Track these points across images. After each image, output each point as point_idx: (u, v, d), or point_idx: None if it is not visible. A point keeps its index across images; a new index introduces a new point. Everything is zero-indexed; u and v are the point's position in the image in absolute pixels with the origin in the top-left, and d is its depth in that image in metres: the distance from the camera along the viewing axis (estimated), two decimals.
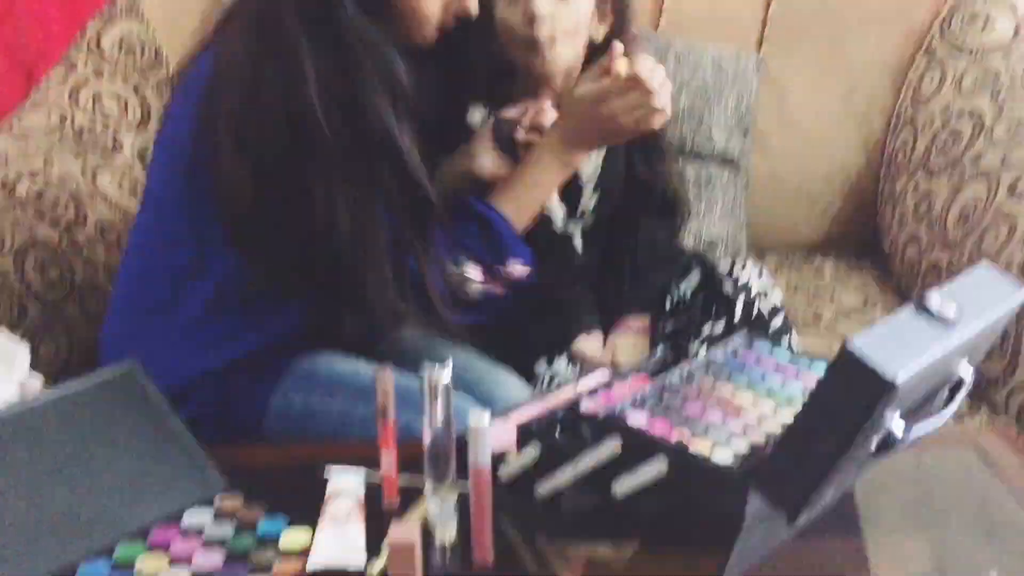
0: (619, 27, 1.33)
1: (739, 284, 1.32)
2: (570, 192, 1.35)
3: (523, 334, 1.31)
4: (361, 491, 0.97)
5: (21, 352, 1.01)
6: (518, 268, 1.20)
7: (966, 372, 0.82)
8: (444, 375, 0.86)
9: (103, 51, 1.79)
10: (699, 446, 0.84)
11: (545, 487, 0.93)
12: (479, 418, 0.84)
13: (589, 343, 1.32)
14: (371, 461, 0.98)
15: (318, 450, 1.08)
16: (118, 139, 1.67)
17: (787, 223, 1.78)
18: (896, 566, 0.91)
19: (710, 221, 1.66)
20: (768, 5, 1.77)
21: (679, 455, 0.83)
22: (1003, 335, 1.27)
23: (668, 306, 1.38)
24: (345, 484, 0.97)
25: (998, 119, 1.54)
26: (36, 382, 1.02)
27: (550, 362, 1.30)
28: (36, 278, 1.35)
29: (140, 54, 1.80)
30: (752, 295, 1.30)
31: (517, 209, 1.22)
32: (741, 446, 0.84)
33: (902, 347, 0.71)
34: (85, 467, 0.95)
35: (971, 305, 0.78)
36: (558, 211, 1.37)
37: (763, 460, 0.79)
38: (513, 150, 1.28)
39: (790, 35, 1.77)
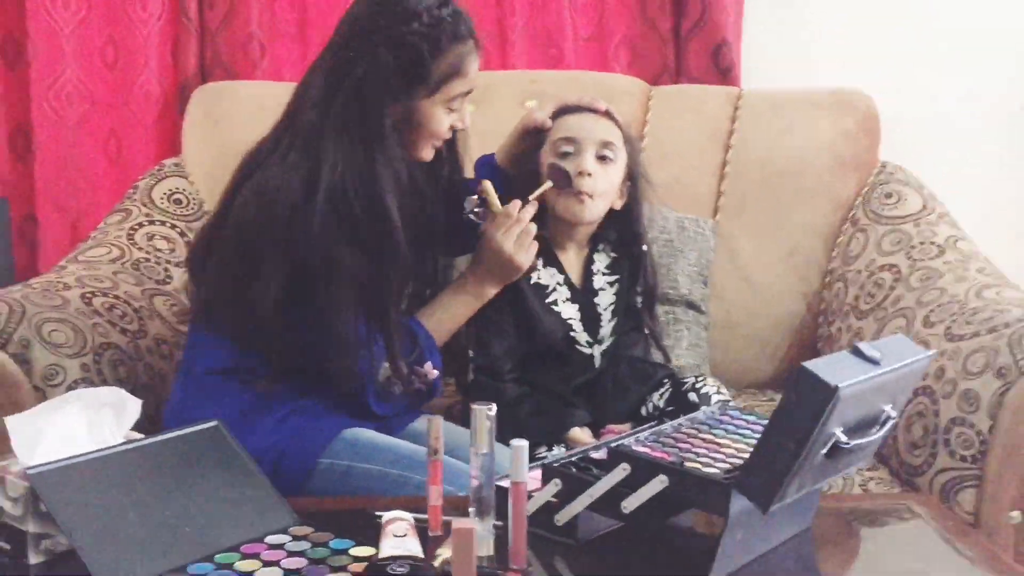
0: (633, 201, 1.70)
1: (702, 393, 1.59)
2: (591, 321, 1.67)
3: (527, 425, 1.54)
4: (412, 521, 1.17)
5: (132, 405, 1.22)
6: (432, 371, 1.50)
7: (891, 412, 1.08)
8: (489, 409, 1.09)
9: (154, 201, 2.06)
10: (692, 465, 1.07)
11: (564, 514, 1.14)
12: (519, 441, 1.07)
13: (583, 434, 1.56)
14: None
15: (367, 501, 1.28)
16: (168, 272, 1.92)
17: (742, 362, 2.05)
18: None
19: (678, 352, 1.92)
20: (720, 181, 2.11)
21: (676, 472, 1.06)
22: (924, 434, 1.53)
23: (644, 413, 1.64)
24: (398, 517, 1.17)
25: (913, 270, 1.86)
26: (138, 436, 1.23)
27: (549, 448, 1.53)
28: (110, 373, 1.57)
29: (186, 205, 2.08)
30: (713, 403, 1.56)
31: (436, 328, 1.54)
32: (725, 466, 1.07)
33: (842, 371, 0.97)
34: (184, 497, 1.14)
35: (890, 354, 1.04)
36: (582, 336, 1.66)
37: (741, 469, 1.02)
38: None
39: (739, 205, 2.10)
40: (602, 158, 1.63)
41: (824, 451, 0.99)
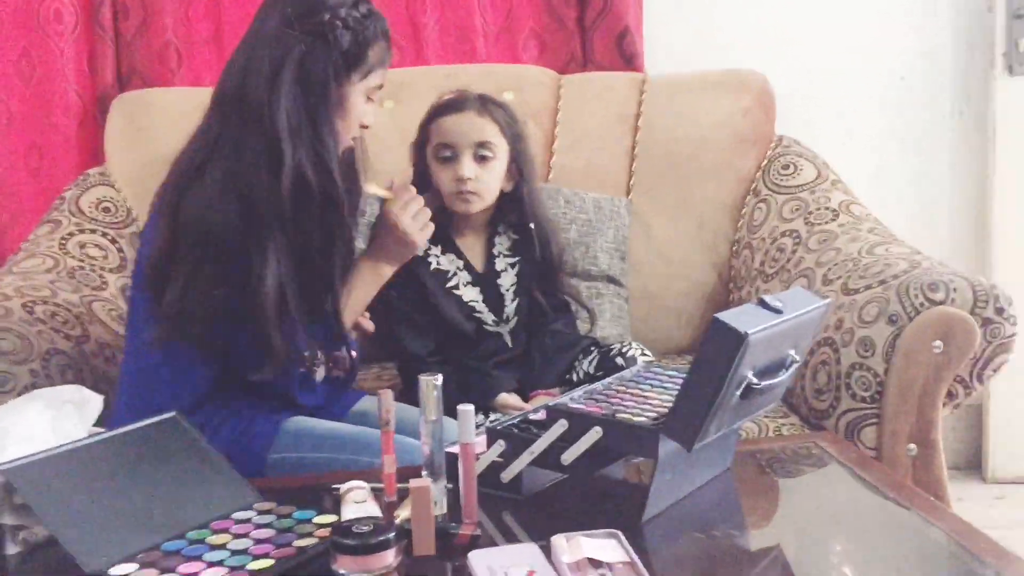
0: (524, 180, 1.78)
1: (627, 357, 1.71)
2: (495, 302, 1.76)
3: (459, 397, 1.64)
4: (369, 489, 1.25)
5: (94, 402, 1.28)
6: (345, 355, 1.55)
7: (795, 355, 1.20)
8: (436, 379, 1.18)
9: (83, 211, 2.09)
10: (623, 416, 1.18)
11: (509, 472, 1.24)
12: (464, 406, 1.16)
13: (511, 398, 1.67)
14: None
15: (323, 478, 1.36)
16: (103, 278, 1.96)
17: (661, 330, 2.18)
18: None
19: (602, 325, 2.03)
20: (632, 162, 2.23)
21: (610, 423, 1.16)
22: (828, 380, 1.67)
23: (575, 379, 1.75)
24: (356, 486, 1.25)
25: (811, 234, 2.00)
26: (99, 430, 1.28)
27: (487, 416, 1.63)
28: (58, 378, 1.60)
29: (114, 212, 2.11)
30: (639, 364, 1.68)
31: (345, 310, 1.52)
32: (652, 415, 1.18)
33: (750, 319, 1.08)
34: (151, 483, 1.21)
35: (791, 304, 1.17)
36: (487, 316, 1.75)
37: (667, 414, 1.14)
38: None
39: (650, 184, 2.22)
40: (481, 158, 1.71)
41: (738, 392, 1.11)
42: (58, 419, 1.24)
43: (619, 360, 1.70)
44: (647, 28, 2.41)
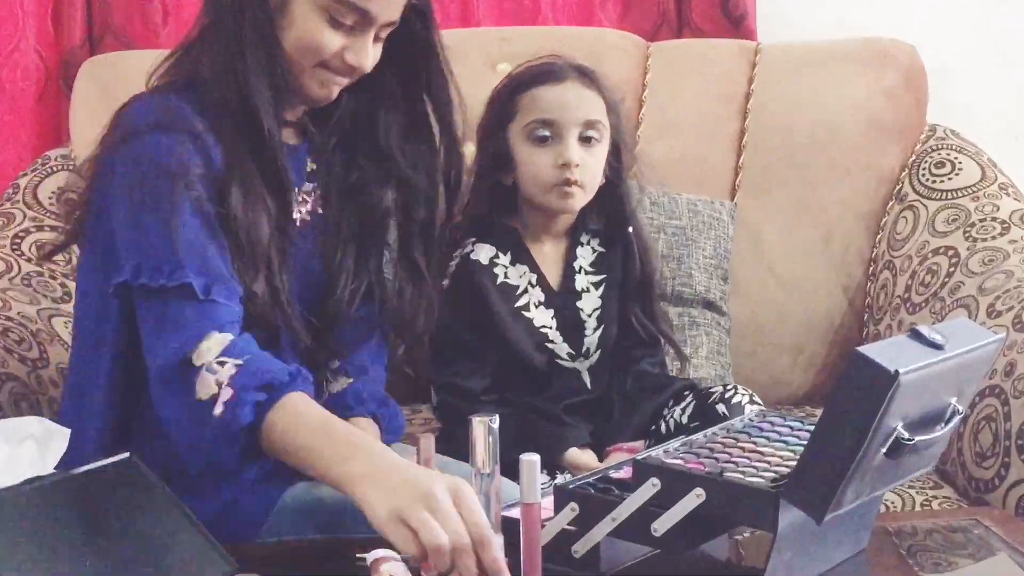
0: (617, 177, 1.80)
1: (732, 404, 1.71)
2: (573, 331, 1.77)
3: (517, 450, 1.65)
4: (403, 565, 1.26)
5: (59, 438, 1.31)
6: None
7: (958, 405, 1.20)
8: (491, 420, 1.20)
9: (40, 202, 2.15)
10: (732, 475, 1.18)
11: (584, 543, 1.25)
12: (528, 456, 1.18)
13: (584, 455, 1.68)
14: None
15: (341, 542, 1.38)
16: (66, 287, 2.01)
17: (773, 372, 2.19)
18: None
19: (697, 363, 2.05)
20: (739, 155, 2.25)
21: (715, 483, 1.17)
22: (994, 441, 1.67)
23: (665, 431, 1.76)
24: (388, 556, 1.27)
25: (973, 252, 2.00)
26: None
27: (552, 475, 1.64)
28: (11, 410, 1.65)
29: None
30: (746, 413, 1.69)
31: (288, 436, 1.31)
32: (770, 475, 1.19)
33: (901, 355, 1.09)
34: (101, 543, 1.22)
35: (954, 338, 1.17)
36: (562, 348, 1.77)
37: (791, 474, 1.14)
38: None
39: (762, 184, 2.24)
40: (586, 139, 1.72)
41: (884, 449, 1.11)
42: (14, 456, 1.28)
43: (721, 408, 1.70)
44: None
